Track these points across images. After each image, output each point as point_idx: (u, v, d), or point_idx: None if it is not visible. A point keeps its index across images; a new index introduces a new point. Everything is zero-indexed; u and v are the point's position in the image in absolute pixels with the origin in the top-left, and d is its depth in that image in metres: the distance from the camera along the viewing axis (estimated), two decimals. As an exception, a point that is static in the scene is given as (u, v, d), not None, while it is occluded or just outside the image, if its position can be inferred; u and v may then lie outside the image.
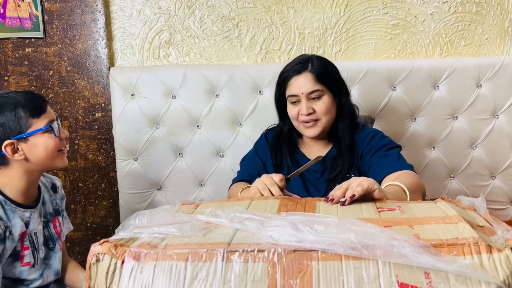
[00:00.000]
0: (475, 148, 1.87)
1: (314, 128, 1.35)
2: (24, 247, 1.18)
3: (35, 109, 1.15)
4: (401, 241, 0.65)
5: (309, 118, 1.33)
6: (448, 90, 1.82)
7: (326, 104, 1.33)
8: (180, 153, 1.83)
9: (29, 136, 1.15)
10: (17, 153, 1.15)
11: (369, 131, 1.40)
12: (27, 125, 1.14)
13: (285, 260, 0.66)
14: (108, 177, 1.90)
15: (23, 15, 1.77)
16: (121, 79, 1.77)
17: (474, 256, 0.65)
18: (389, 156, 1.31)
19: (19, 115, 1.13)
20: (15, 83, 1.82)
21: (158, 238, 0.77)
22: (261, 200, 1.00)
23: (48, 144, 1.17)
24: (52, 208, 1.31)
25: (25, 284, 1.20)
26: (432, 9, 1.84)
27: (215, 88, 1.79)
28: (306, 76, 1.33)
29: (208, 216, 0.84)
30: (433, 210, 0.85)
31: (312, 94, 1.32)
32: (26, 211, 1.20)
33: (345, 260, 0.65)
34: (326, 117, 1.34)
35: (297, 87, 1.34)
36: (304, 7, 1.83)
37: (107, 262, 0.72)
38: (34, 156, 1.16)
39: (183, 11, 1.82)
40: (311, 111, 1.33)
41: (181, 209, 0.96)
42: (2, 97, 1.15)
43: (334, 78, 1.38)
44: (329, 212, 0.88)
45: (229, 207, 0.86)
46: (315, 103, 1.33)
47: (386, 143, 1.35)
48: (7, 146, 1.13)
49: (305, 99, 1.33)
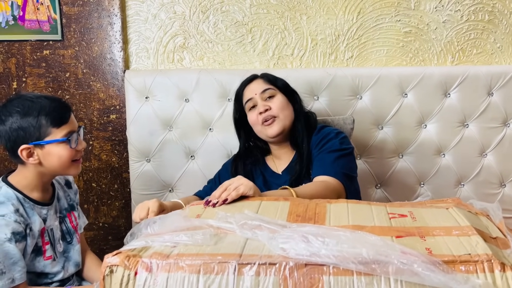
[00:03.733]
0: (486, 156, 1.87)
1: (274, 126, 1.42)
2: (45, 242, 1.23)
3: (57, 119, 1.18)
4: (413, 257, 0.66)
5: (267, 115, 1.42)
6: (459, 98, 1.82)
7: (280, 101, 1.44)
8: (192, 155, 1.86)
9: (46, 144, 1.18)
10: (32, 158, 1.18)
11: (324, 131, 1.44)
12: (46, 133, 1.17)
13: (296, 274, 0.68)
14: (121, 178, 1.94)
15: (42, 18, 1.81)
16: (135, 82, 1.80)
17: (487, 274, 0.65)
18: (324, 160, 1.36)
19: (40, 123, 1.16)
20: (32, 84, 1.86)
21: (170, 247, 0.78)
22: (271, 202, 1.00)
23: (62, 154, 1.19)
24: (67, 204, 1.36)
25: (49, 277, 1.26)
26: (445, 17, 1.85)
27: (228, 92, 1.82)
28: (257, 81, 1.49)
29: (219, 222, 0.85)
30: (444, 218, 0.85)
31: (265, 92, 1.44)
32: (43, 208, 1.24)
33: (356, 275, 0.66)
34: (283, 112, 1.43)
35: (251, 91, 1.47)
36: (317, 14, 1.84)
37: (121, 274, 0.73)
38: (47, 162, 1.20)
39: (198, 16, 1.85)
40: (267, 107, 1.42)
41: (190, 212, 0.97)
42: (29, 100, 1.18)
43: (284, 84, 1.50)
44: (340, 218, 0.88)
45: (239, 210, 0.88)
46: (270, 102, 1.44)
47: (331, 144, 1.39)
48: (23, 150, 1.16)
49: (260, 99, 1.44)
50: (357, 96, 1.83)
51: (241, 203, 1.01)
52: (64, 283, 1.31)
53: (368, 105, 1.82)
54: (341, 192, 1.28)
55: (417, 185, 1.89)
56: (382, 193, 1.89)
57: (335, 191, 1.26)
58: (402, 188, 1.88)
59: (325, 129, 1.45)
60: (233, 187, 1.03)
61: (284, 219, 0.89)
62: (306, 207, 0.94)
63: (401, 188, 1.88)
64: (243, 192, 1.03)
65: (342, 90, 1.81)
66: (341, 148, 1.37)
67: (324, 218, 0.89)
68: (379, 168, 1.85)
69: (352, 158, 1.41)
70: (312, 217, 0.90)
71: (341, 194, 1.28)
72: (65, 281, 1.32)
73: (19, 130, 1.15)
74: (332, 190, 1.25)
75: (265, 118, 1.42)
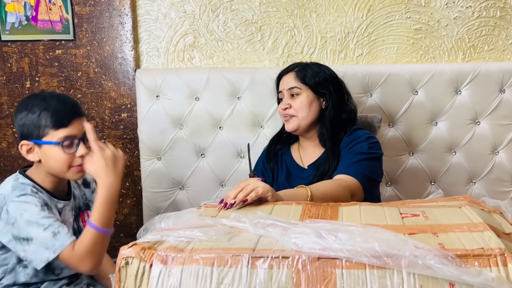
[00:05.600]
0: (498, 154, 1.85)
1: (290, 123, 1.46)
2: None
3: (56, 121, 1.17)
4: (426, 251, 0.66)
5: (285, 113, 1.45)
6: (470, 95, 1.81)
7: (301, 101, 1.44)
8: (202, 153, 1.87)
9: (42, 144, 1.18)
10: (31, 154, 1.20)
11: (356, 133, 1.43)
12: (44, 133, 1.17)
13: (309, 268, 0.69)
14: (132, 176, 1.95)
15: (54, 18, 1.83)
16: (146, 81, 1.82)
17: (500, 268, 0.65)
18: (349, 160, 1.35)
19: (39, 122, 1.16)
20: (45, 84, 1.88)
21: (184, 242, 0.78)
22: (284, 205, 1.01)
23: (59, 158, 1.18)
24: (82, 203, 1.38)
25: (55, 273, 1.26)
26: (456, 14, 1.84)
27: (237, 90, 1.82)
28: (290, 75, 1.48)
29: (232, 221, 0.86)
30: (457, 216, 0.85)
31: (290, 90, 1.45)
32: (59, 202, 1.26)
33: (369, 269, 0.67)
34: (301, 113, 1.43)
35: (282, 84, 1.50)
36: (326, 11, 1.84)
37: (136, 266, 0.74)
38: (46, 163, 1.20)
39: (208, 15, 1.86)
40: (287, 106, 1.45)
41: (205, 212, 0.98)
42: (40, 99, 1.19)
43: (319, 82, 1.45)
44: (352, 218, 0.88)
45: (252, 213, 0.88)
46: (293, 100, 1.45)
47: (360, 147, 1.37)
48: (23, 145, 1.19)
49: (286, 95, 1.46)
50: (367, 94, 1.82)
51: (254, 207, 1.00)
52: (72, 281, 1.32)
53: (378, 102, 1.82)
54: (357, 191, 1.26)
55: (428, 183, 1.88)
56: (393, 191, 1.88)
57: (350, 189, 1.24)
58: (413, 186, 1.87)
59: (358, 132, 1.43)
60: (250, 188, 1.01)
61: (297, 219, 0.89)
62: (318, 210, 0.95)
63: (411, 186, 1.87)
64: (262, 194, 1.00)
65: (352, 88, 1.78)
66: (368, 151, 1.36)
67: (336, 218, 0.89)
68: (390, 165, 1.84)
69: (377, 163, 1.39)
70: (325, 218, 0.89)
71: (357, 193, 1.26)
72: (73, 279, 1.32)
73: (23, 127, 1.18)
74: (347, 188, 1.24)
75: (283, 114, 1.47)
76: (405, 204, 0.98)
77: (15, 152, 1.91)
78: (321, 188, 1.18)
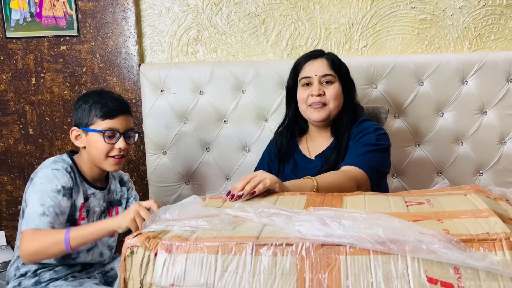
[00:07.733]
0: (505, 144, 1.84)
1: (321, 111, 1.41)
2: (81, 217, 1.31)
3: (103, 111, 1.30)
4: (430, 236, 0.65)
5: (319, 100, 1.40)
6: (477, 84, 1.79)
7: (336, 90, 1.41)
8: (207, 147, 1.87)
9: (88, 131, 1.30)
10: (78, 140, 1.33)
11: (364, 124, 1.42)
12: (92, 121, 1.30)
13: (313, 254, 0.69)
14: (138, 170, 1.96)
15: (58, 14, 1.84)
16: (151, 76, 1.82)
17: (505, 252, 0.64)
18: (356, 151, 1.34)
19: (90, 112, 1.30)
20: (50, 80, 1.89)
21: (189, 231, 0.79)
22: (288, 196, 1.01)
23: (99, 145, 1.30)
24: (116, 198, 1.44)
25: (72, 257, 1.31)
26: (461, 3, 1.82)
27: (242, 84, 1.82)
28: (322, 61, 1.43)
29: (236, 211, 0.86)
30: (462, 203, 0.84)
31: (325, 77, 1.41)
32: (89, 188, 1.34)
33: (373, 255, 0.66)
34: (334, 102, 1.41)
35: (312, 69, 1.42)
36: (330, 3, 1.83)
37: (141, 254, 0.75)
38: (89, 149, 1.32)
39: (211, 8, 1.85)
40: (321, 92, 1.40)
41: (210, 203, 0.98)
42: (93, 92, 1.35)
43: (345, 72, 1.46)
44: (356, 207, 0.88)
45: (257, 203, 0.88)
46: (326, 87, 1.41)
47: (368, 138, 1.36)
48: (73, 131, 1.33)
49: (317, 82, 1.41)
50: (372, 85, 1.81)
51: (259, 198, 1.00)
52: (85, 268, 1.35)
53: (383, 94, 1.80)
54: (363, 182, 1.25)
55: (435, 174, 1.87)
56: (399, 183, 1.87)
57: (357, 181, 1.23)
58: (419, 178, 1.86)
59: (366, 123, 1.42)
60: (258, 179, 1.00)
61: (301, 209, 0.89)
62: (323, 200, 0.95)
63: (418, 178, 1.86)
64: (269, 185, 1.00)
65: (357, 79, 1.77)
66: (376, 143, 1.35)
67: (340, 207, 0.89)
68: (396, 157, 1.83)
69: (385, 155, 1.38)
70: (329, 206, 0.89)
71: (363, 184, 1.25)
72: (86, 267, 1.35)
73: (77, 115, 1.33)
74: (353, 179, 1.23)
75: (315, 101, 1.40)
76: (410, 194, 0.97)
77: (22, 148, 1.93)
78: (327, 179, 1.18)
